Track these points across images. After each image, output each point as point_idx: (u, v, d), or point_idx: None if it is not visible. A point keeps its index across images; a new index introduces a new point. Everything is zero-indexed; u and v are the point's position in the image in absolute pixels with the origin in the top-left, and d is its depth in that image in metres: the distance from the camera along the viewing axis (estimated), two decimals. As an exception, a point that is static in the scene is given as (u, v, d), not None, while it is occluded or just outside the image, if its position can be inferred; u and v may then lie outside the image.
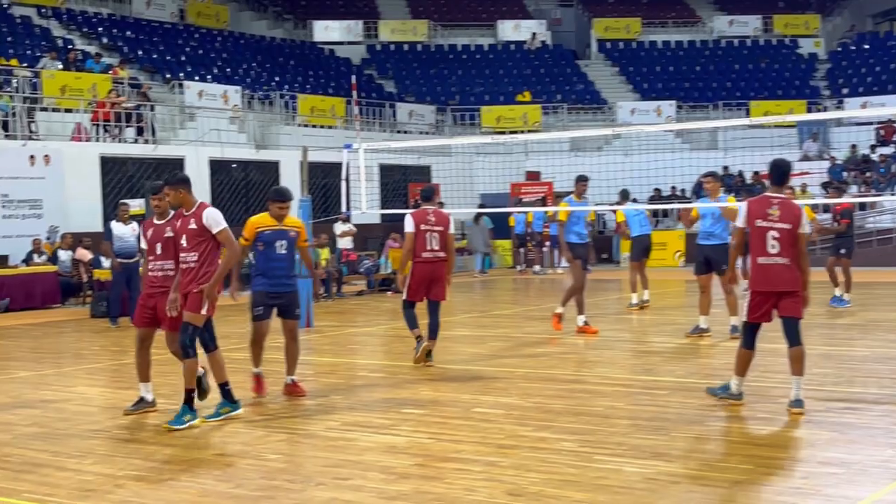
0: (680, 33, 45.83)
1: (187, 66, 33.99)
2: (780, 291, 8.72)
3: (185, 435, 8.58)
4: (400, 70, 42.04)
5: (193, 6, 39.84)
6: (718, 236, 13.79)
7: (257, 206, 27.89)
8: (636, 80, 42.27)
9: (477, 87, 41.36)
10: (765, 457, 7.29)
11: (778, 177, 9.14)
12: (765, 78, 42.11)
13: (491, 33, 45.11)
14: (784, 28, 45.16)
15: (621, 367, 12.12)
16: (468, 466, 7.22)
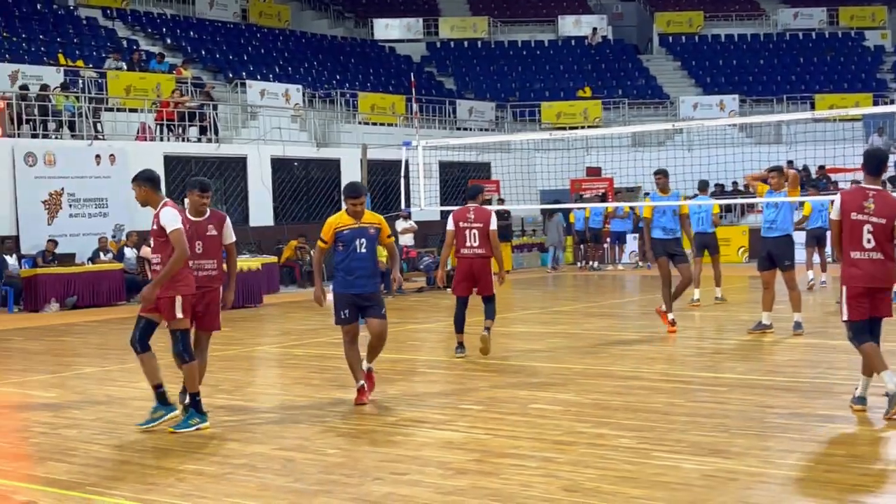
0: (743, 26, 45.30)
1: (249, 65, 34.33)
2: (874, 287, 8.38)
3: (245, 430, 8.67)
4: (460, 67, 42.06)
5: (255, 6, 40.23)
6: (779, 227, 13.61)
7: (318, 203, 28.17)
8: (698, 74, 41.87)
9: (537, 83, 41.25)
10: (825, 454, 7.21)
11: (874, 167, 8.57)
12: (830, 71, 41.48)
13: (551, 29, 44.97)
14: (850, 20, 44.44)
15: (681, 363, 12.03)
16: (525, 462, 7.23)
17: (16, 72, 25.45)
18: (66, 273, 20.92)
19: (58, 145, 23.21)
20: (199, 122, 26.60)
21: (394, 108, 34.31)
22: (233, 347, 14.48)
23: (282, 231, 26.43)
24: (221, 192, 26.60)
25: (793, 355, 12.10)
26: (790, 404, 8.99)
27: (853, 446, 7.43)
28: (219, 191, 26.56)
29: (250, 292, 20.76)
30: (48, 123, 24.06)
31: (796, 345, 12.85)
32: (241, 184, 26.50)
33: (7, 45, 28.39)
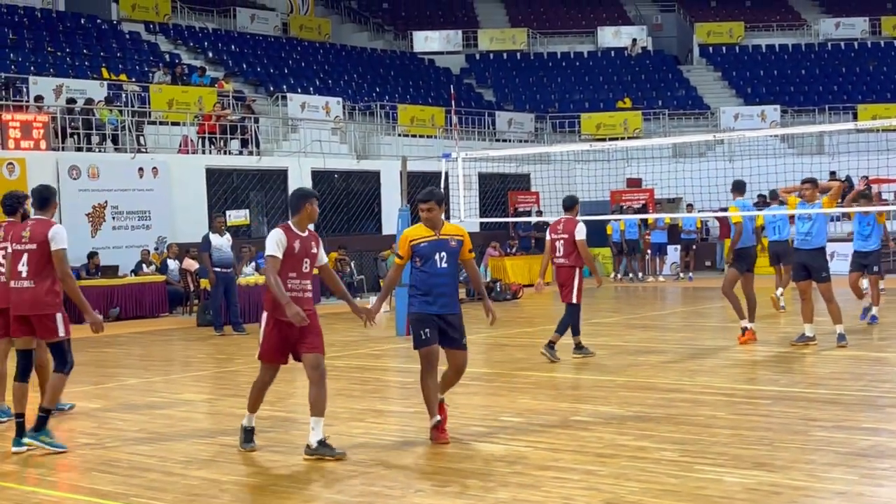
0: (784, 36, 45.01)
1: (290, 78, 34.57)
2: None
3: (288, 441, 8.72)
4: (499, 79, 42.11)
5: (296, 20, 40.54)
6: (815, 240, 13.51)
7: (358, 215, 28.28)
8: (739, 84, 41.63)
9: (576, 94, 41.19)
10: (869, 467, 7.13)
11: None
12: (872, 81, 41.09)
13: (591, 40, 44.92)
14: (892, 30, 44.01)
15: (724, 375, 11.95)
16: (566, 475, 7.21)
17: (60, 86, 25.81)
18: (110, 285, 21.14)
19: (101, 158, 23.48)
20: (240, 135, 26.81)
21: (433, 120, 34.39)
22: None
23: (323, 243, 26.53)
24: (262, 204, 26.78)
25: (836, 367, 11.99)
26: (834, 417, 8.90)
27: (899, 460, 7.35)
28: (260, 203, 26.76)
29: (291, 304, 20.83)
30: (91, 137, 24.35)
31: (839, 357, 12.73)
32: (282, 196, 26.63)
33: (52, 60, 28.79)
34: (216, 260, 17.73)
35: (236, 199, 25.47)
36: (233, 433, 9.07)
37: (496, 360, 14.35)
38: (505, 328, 18.38)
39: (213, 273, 17.73)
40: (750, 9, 47.34)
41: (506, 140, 35.93)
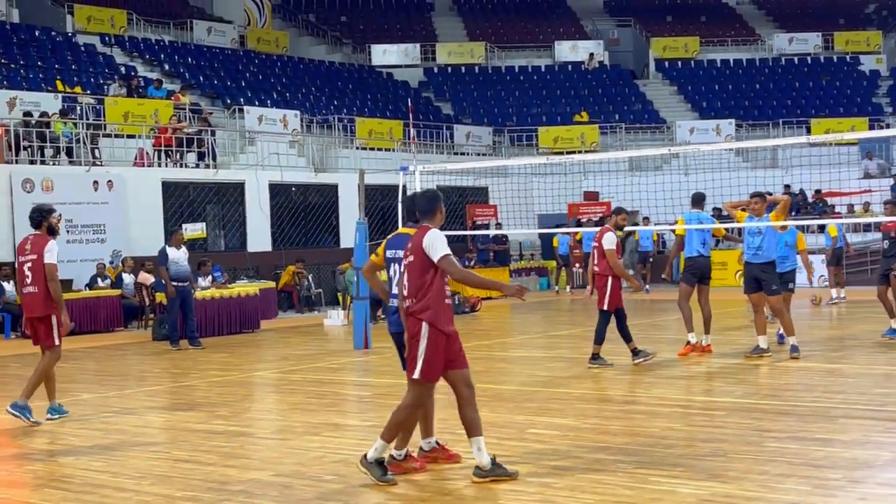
0: (739, 51, 45.52)
1: (247, 91, 34.45)
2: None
3: (243, 455, 8.67)
4: (457, 92, 42.23)
5: (253, 32, 40.42)
6: (765, 253, 13.64)
7: (316, 229, 28.20)
8: (695, 98, 42.03)
9: (534, 108, 41.39)
10: (822, 478, 7.20)
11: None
12: (825, 95, 41.66)
13: (548, 54, 45.16)
14: (845, 45, 44.66)
15: (679, 387, 12.02)
16: (522, 487, 7.22)
17: (14, 98, 25.54)
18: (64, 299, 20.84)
19: (55, 172, 23.26)
20: (196, 148, 26.67)
21: (391, 133, 34.40)
22: (231, 373, 14.49)
23: (280, 256, 26.44)
24: (219, 217, 26.64)
25: (789, 379, 12.11)
26: (787, 428, 8.98)
27: (851, 470, 7.42)
28: (217, 216, 26.61)
29: (248, 317, 20.78)
30: (45, 150, 24.11)
31: (793, 368, 12.86)
32: (238, 209, 26.53)
33: (5, 72, 28.48)
34: (173, 273, 17.60)
35: (193, 212, 25.31)
36: (187, 448, 9.01)
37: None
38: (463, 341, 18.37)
39: (171, 286, 17.60)
40: (705, 24, 47.83)
41: (464, 153, 36.01)
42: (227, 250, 26.16)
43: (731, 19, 48.83)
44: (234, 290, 20.94)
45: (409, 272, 7.40)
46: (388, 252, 7.95)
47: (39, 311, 10.49)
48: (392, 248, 7.94)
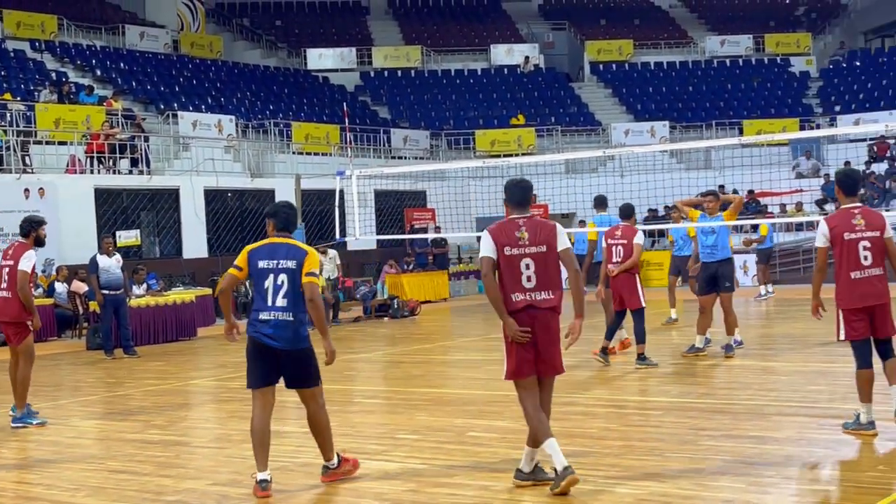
0: (672, 54, 46.02)
1: (181, 96, 34.12)
2: (874, 305, 8.36)
3: (179, 465, 8.58)
4: (394, 96, 42.19)
5: (187, 37, 40.03)
6: (721, 251, 13.77)
7: (253, 234, 27.98)
8: (629, 101, 42.41)
9: (471, 112, 41.49)
10: (756, 475, 7.29)
11: (850, 187, 8.60)
12: (757, 97, 42.27)
13: (484, 58, 45.30)
14: (776, 47, 45.35)
15: (616, 388, 12.12)
16: (461, 491, 7.23)
17: (-59, 105, 25.07)
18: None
19: (-15, 179, 22.86)
20: (130, 155, 26.33)
21: (328, 137, 34.28)
22: (167, 381, 14.33)
23: (216, 262, 26.19)
24: (154, 224, 26.35)
25: (725, 377, 12.25)
26: (722, 426, 9.09)
27: (785, 467, 7.53)
28: (151, 223, 26.32)
29: (184, 325, 20.57)
30: (-25, 157, 23.69)
31: (728, 367, 13.02)
32: (173, 216, 26.26)
33: (-68, 79, 27.95)
34: (104, 282, 17.35)
35: (126, 219, 25.00)
36: (122, 458, 8.89)
37: (393, 377, 14.34)
38: (402, 345, 18.41)
39: (100, 295, 17.35)
40: (638, 27, 48.30)
41: (401, 157, 35.98)
42: (162, 257, 25.87)
43: (663, 22, 49.38)
44: (170, 297, 20.71)
45: (546, 264, 7.08)
46: (260, 263, 7.55)
47: (10, 315, 10.96)
48: (265, 258, 7.54)
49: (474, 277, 32.43)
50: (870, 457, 7.71)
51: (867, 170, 33.37)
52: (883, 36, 49.71)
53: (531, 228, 7.09)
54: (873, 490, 6.75)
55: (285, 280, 7.44)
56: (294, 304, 7.45)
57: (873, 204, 30.83)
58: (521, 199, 7.27)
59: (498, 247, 7.08)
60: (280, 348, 7.44)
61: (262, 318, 7.50)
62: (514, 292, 7.05)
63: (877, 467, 7.33)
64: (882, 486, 6.83)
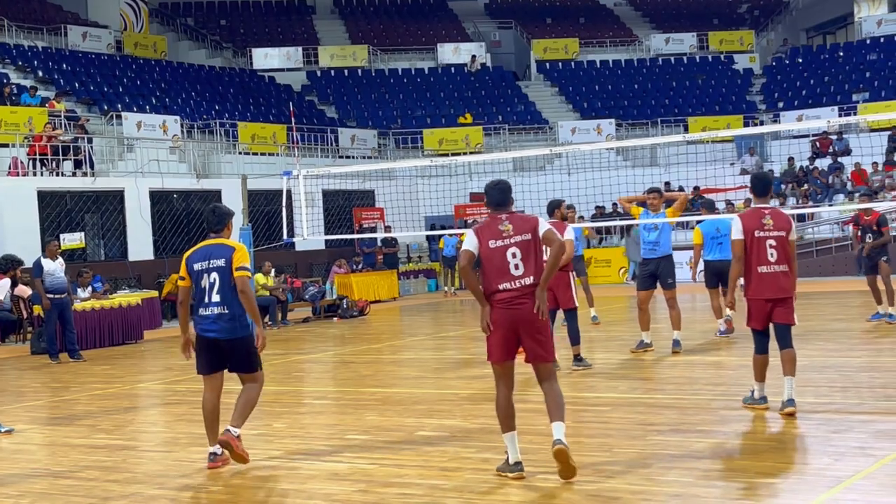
0: (617, 52, 46.33)
1: (125, 97, 33.76)
2: (778, 298, 9.09)
3: (126, 469, 8.47)
4: (341, 96, 42.07)
5: (130, 37, 39.60)
6: (662, 248, 13.91)
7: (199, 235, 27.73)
8: (576, 99, 42.64)
9: (418, 111, 41.49)
10: (704, 469, 7.35)
11: (762, 189, 9.46)
12: (702, 94, 42.69)
13: (431, 57, 45.32)
14: (719, 45, 45.84)
15: (565, 384, 12.07)
16: (410, 490, 7.21)
17: None
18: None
19: (-75, 183, 22.45)
20: (73, 156, 25.99)
21: (275, 137, 34.10)
22: (113, 385, 14.17)
23: (162, 265, 25.97)
24: (98, 226, 26.05)
25: (672, 372, 12.35)
26: (670, 421, 9.17)
27: (731, 461, 7.60)
28: (96, 225, 26.01)
29: (130, 328, 20.36)
30: (-86, 160, 23.25)
31: (676, 362, 13.12)
32: (118, 218, 25.97)
33: None
34: (49, 285, 17.11)
35: (70, 221, 24.69)
36: (68, 464, 8.77)
37: (342, 377, 14.29)
38: (351, 345, 18.36)
39: (45, 299, 17.12)
40: (584, 25, 48.57)
41: (349, 156, 35.89)
42: (107, 260, 25.58)
43: (609, 21, 49.71)
44: (116, 300, 20.49)
45: (532, 251, 7.35)
46: (195, 265, 8.28)
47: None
48: (199, 260, 8.30)
49: (424, 276, 32.46)
50: (816, 449, 7.81)
51: (811, 165, 33.85)
52: (824, 33, 50.50)
53: (514, 221, 7.41)
54: (819, 482, 6.83)
55: (217, 278, 8.16)
56: (227, 298, 8.12)
57: (816, 199, 31.31)
58: (501, 200, 7.54)
59: (482, 242, 7.37)
60: (220, 338, 8.16)
61: (202, 314, 8.21)
62: (503, 282, 7.30)
63: (822, 459, 7.43)
64: (828, 477, 6.92)
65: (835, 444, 7.84)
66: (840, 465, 7.22)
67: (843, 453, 7.54)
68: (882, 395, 9.90)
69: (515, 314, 7.27)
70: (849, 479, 6.83)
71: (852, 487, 6.65)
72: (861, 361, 12.40)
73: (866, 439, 7.96)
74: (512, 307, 7.27)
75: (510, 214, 7.46)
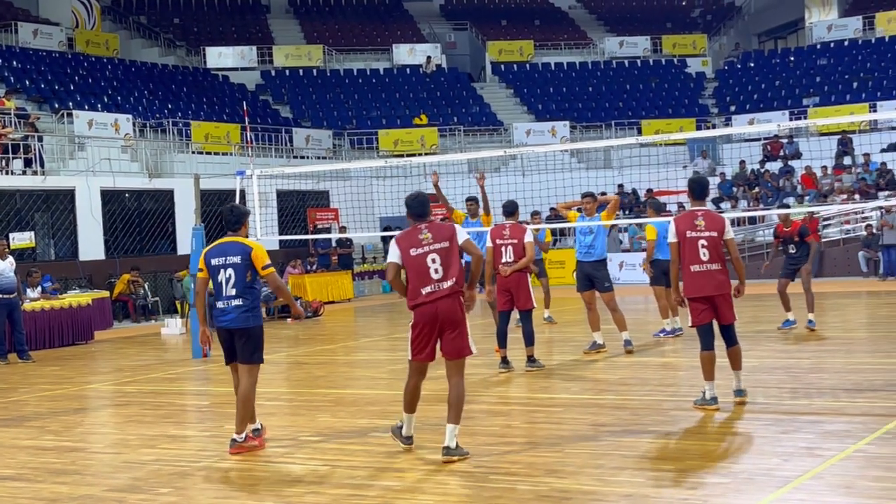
0: (572, 55, 46.54)
1: (76, 95, 33.37)
2: (714, 295, 9.45)
3: (75, 471, 8.38)
4: (295, 95, 41.89)
5: (82, 35, 39.14)
6: (597, 252, 14.05)
7: (151, 235, 27.54)
8: (531, 101, 42.77)
9: (373, 111, 41.41)
10: (654, 469, 7.41)
11: (698, 192, 9.84)
12: (655, 97, 42.98)
13: (386, 57, 45.25)
14: (672, 48, 46.19)
15: (519, 385, 12.19)
16: (363, 492, 7.20)
17: None
18: None
19: None
20: (23, 155, 25.66)
21: (229, 137, 33.87)
22: (62, 386, 14.01)
23: (114, 265, 25.72)
24: (49, 226, 25.74)
25: (624, 374, 12.42)
26: (621, 422, 9.22)
27: (681, 461, 7.66)
28: (46, 225, 25.70)
29: (81, 328, 20.15)
30: None
31: (627, 363, 13.21)
32: (69, 217, 25.67)
33: None
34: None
35: (20, 220, 24.36)
36: (15, 466, 8.67)
37: (296, 378, 14.23)
38: (305, 346, 18.29)
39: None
40: (539, 28, 48.72)
41: (304, 157, 35.74)
42: (57, 259, 25.27)
43: (563, 23, 49.91)
44: (66, 300, 20.26)
45: (449, 257, 8.05)
46: (213, 261, 8.88)
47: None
48: (216, 256, 8.89)
49: (378, 277, 32.40)
50: (765, 449, 7.89)
51: (762, 168, 34.20)
52: (776, 37, 51.07)
53: (433, 230, 8.11)
54: (768, 482, 6.91)
55: (233, 273, 8.76)
56: (242, 292, 8.75)
57: (767, 202, 31.64)
58: (421, 212, 8.23)
59: (403, 252, 8.10)
60: (234, 328, 8.78)
61: (219, 307, 8.82)
62: (424, 286, 8.00)
63: (771, 460, 7.50)
64: (776, 477, 6.99)
65: (783, 445, 7.93)
66: (789, 465, 7.30)
67: (792, 454, 7.63)
68: (830, 395, 10.03)
69: (436, 314, 7.96)
70: (797, 478, 6.92)
71: (800, 487, 6.73)
72: (810, 363, 12.55)
73: (814, 440, 8.06)
74: (433, 307, 7.95)
75: (429, 224, 8.14)
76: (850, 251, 28.62)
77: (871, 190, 30.30)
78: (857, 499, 6.47)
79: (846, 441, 7.93)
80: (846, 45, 42.48)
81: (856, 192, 30.48)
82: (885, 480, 6.81)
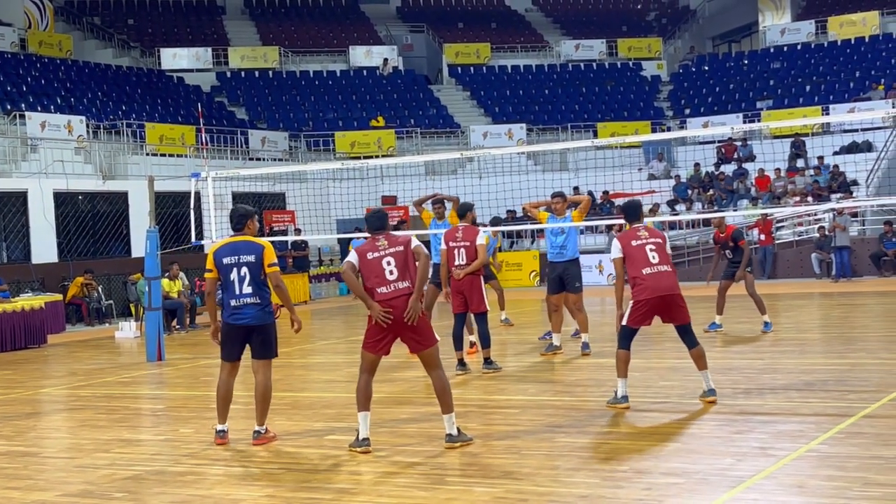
0: (528, 58, 46.71)
1: (29, 96, 33.01)
2: (665, 296, 9.63)
3: (27, 476, 8.28)
4: (251, 97, 41.69)
5: (35, 35, 38.72)
6: (569, 252, 14.04)
7: (105, 238, 27.28)
8: (487, 103, 42.87)
9: (330, 113, 41.31)
10: (610, 470, 7.45)
11: (631, 216, 10.13)
12: (611, 100, 43.25)
13: (342, 59, 45.17)
14: (628, 51, 46.49)
15: (476, 387, 12.20)
16: (319, 495, 7.18)
17: None
18: None
19: None
20: (-26, 156, 25.36)
21: (183, 138, 33.64)
22: (14, 391, 13.85)
23: (67, 267, 25.45)
24: (0, 228, 25.43)
25: (580, 375, 12.48)
26: (577, 423, 9.26)
27: (637, 462, 7.70)
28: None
29: (33, 332, 19.91)
30: None
31: (584, 364, 13.27)
32: (21, 219, 25.39)
33: None
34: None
35: (-29, 223, 24.09)
36: (-34, 472, 8.56)
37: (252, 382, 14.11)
38: (260, 349, 18.14)
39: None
40: (496, 30, 48.87)
41: (260, 158, 35.59)
42: (9, 262, 24.98)
43: (520, 26, 50.09)
44: (18, 303, 20.01)
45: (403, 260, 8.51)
46: (224, 259, 9.14)
47: None
48: (228, 255, 9.14)
49: (335, 280, 32.31)
50: (719, 449, 7.96)
51: (716, 171, 34.52)
52: (730, 41, 51.56)
53: (388, 238, 8.62)
54: (722, 482, 6.97)
55: (247, 272, 9.05)
56: (257, 289, 9.02)
57: (721, 204, 31.93)
58: (379, 226, 8.69)
59: (360, 256, 8.53)
60: (252, 325, 9.08)
61: (232, 305, 9.05)
62: (380, 286, 8.40)
63: (725, 460, 7.57)
64: (730, 477, 7.06)
65: (737, 445, 8.00)
66: (742, 465, 7.37)
67: (746, 454, 7.70)
68: (783, 396, 10.13)
69: (392, 312, 8.33)
70: (750, 478, 6.98)
71: (753, 487, 6.79)
72: (764, 363, 12.67)
73: (767, 440, 8.14)
74: (388, 305, 8.33)
75: (386, 234, 8.62)
76: (804, 253, 28.95)
77: (823, 192, 30.67)
78: (810, 498, 6.55)
79: (799, 441, 8.02)
80: (799, 49, 42.98)
81: (809, 195, 30.83)
82: (837, 480, 6.89)
